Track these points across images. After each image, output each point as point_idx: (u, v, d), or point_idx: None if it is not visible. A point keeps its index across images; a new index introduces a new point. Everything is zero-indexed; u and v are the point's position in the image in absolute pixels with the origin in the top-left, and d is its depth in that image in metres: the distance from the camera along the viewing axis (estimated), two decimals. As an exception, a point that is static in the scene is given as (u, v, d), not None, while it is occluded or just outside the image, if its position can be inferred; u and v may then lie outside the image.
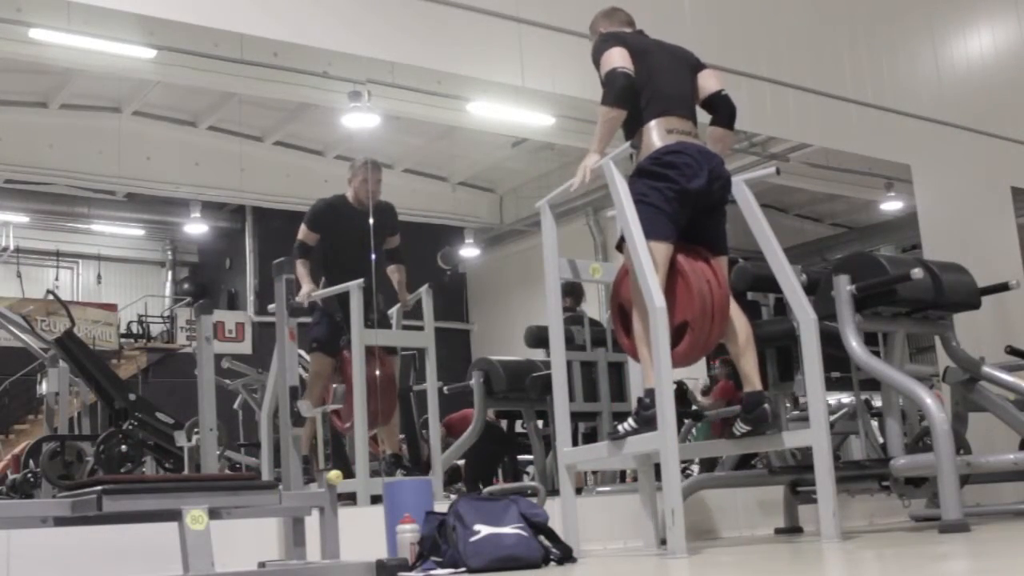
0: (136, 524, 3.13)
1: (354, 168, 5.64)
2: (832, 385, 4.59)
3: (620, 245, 4.00)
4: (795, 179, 7.68)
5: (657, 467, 4.00)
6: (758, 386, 4.02)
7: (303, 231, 5.53)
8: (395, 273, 5.72)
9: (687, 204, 3.89)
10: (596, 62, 4.06)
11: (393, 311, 5.70)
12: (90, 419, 5.70)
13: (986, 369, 5.10)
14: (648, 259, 3.72)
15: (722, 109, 4.18)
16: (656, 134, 3.94)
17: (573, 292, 6.25)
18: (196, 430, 4.29)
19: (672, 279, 3.88)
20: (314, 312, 5.50)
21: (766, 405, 4.00)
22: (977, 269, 5.13)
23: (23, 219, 9.23)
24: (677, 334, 3.89)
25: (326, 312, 5.45)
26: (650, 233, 3.79)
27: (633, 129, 4.01)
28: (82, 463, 5.05)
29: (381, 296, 5.44)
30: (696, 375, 7.52)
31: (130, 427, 5.00)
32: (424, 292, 5.56)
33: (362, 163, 5.62)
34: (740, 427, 4.06)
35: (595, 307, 7.03)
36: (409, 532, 3.52)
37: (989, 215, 7.73)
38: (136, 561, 3.54)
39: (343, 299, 5.15)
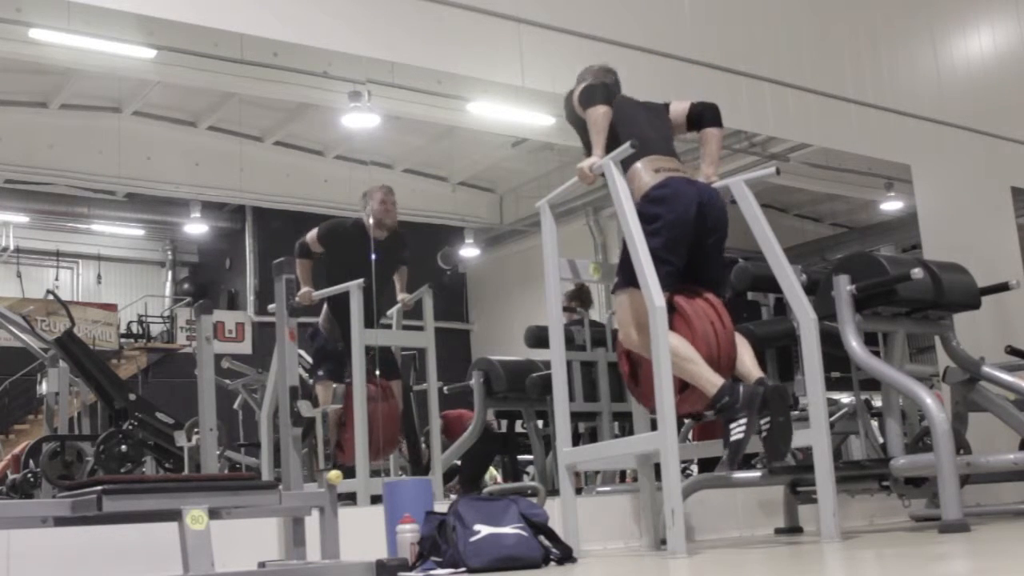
0: (136, 524, 3.13)
1: (369, 193, 5.66)
2: (832, 385, 4.59)
3: (616, 291, 4.00)
4: (795, 179, 7.68)
5: (657, 467, 3.99)
6: (756, 375, 3.83)
7: (312, 238, 5.56)
8: (398, 274, 5.75)
9: (682, 239, 3.88)
10: (570, 104, 4.12)
11: (393, 311, 5.71)
12: (90, 419, 5.70)
13: (986, 369, 5.10)
14: (648, 259, 3.71)
15: (705, 113, 4.25)
16: (645, 175, 3.98)
17: (580, 296, 6.24)
18: (196, 430, 4.29)
19: (674, 322, 3.78)
20: (316, 338, 5.51)
21: (768, 383, 3.75)
22: (977, 269, 5.13)
23: (23, 219, 9.21)
24: (683, 382, 3.79)
25: (328, 341, 5.46)
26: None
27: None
28: (82, 463, 5.05)
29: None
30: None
31: (130, 427, 5.00)
32: (424, 292, 5.56)
33: (377, 187, 5.67)
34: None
35: (595, 308, 7.01)
36: (409, 532, 3.52)
37: (989, 215, 7.73)
38: (136, 561, 3.54)
39: (345, 327, 5.13)
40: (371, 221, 5.57)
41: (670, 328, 3.70)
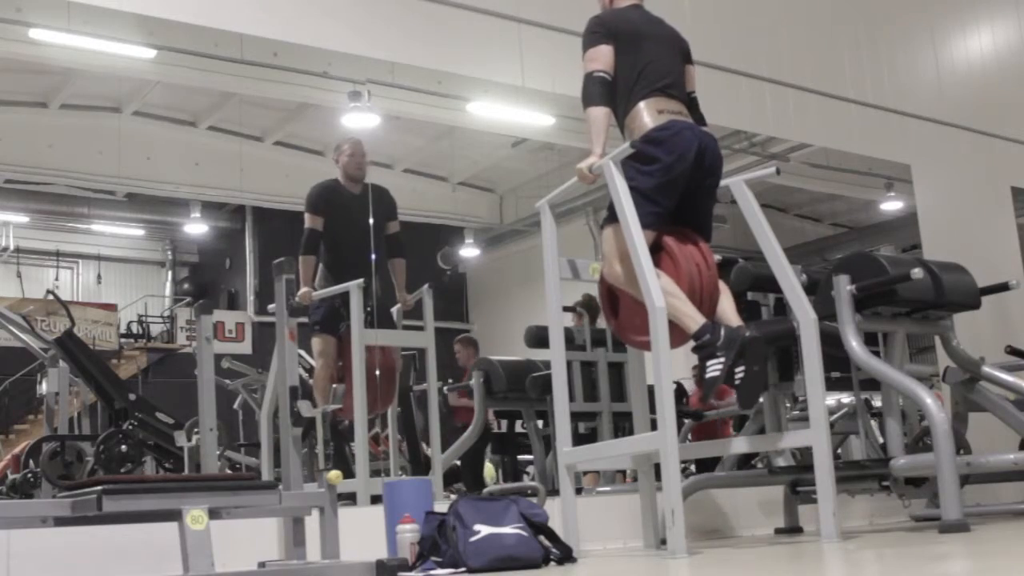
0: (136, 524, 3.13)
1: (339, 149, 5.66)
2: (832, 385, 4.59)
3: (604, 224, 4.00)
4: (795, 179, 7.68)
5: (657, 467, 3.99)
6: (735, 323, 3.86)
7: (308, 218, 5.53)
8: (396, 269, 5.74)
9: (676, 182, 3.89)
10: (584, 45, 4.09)
11: (394, 310, 5.70)
12: (90, 419, 5.69)
13: (986, 369, 5.10)
14: (648, 259, 3.70)
15: (694, 111, 4.22)
16: (647, 115, 3.96)
17: (589, 306, 6.22)
18: (196, 430, 4.29)
19: (660, 260, 3.87)
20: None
21: (746, 333, 3.78)
22: (977, 269, 5.13)
23: (23, 219, 9.22)
24: None
25: (324, 297, 5.47)
26: None
27: (623, 120, 4.04)
28: (82, 463, 5.04)
29: (379, 282, 5.43)
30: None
31: (130, 427, 4.99)
32: (424, 292, 5.56)
33: (344, 141, 5.67)
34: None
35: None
36: (409, 532, 3.52)
37: (989, 215, 7.74)
38: (136, 561, 3.54)
39: (339, 280, 5.18)
40: (343, 176, 5.60)
41: (656, 267, 3.74)
